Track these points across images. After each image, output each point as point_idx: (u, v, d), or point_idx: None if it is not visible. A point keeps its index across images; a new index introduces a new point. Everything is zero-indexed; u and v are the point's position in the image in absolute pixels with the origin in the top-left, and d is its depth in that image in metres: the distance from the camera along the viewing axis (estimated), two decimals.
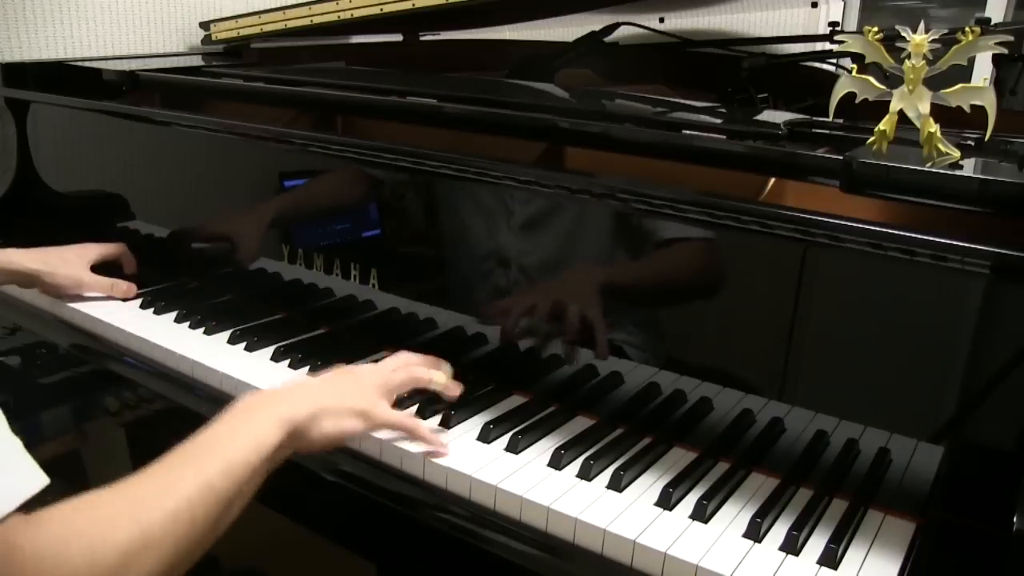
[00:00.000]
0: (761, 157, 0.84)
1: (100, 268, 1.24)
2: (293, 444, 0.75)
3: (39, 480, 0.59)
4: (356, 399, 0.81)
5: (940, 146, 0.73)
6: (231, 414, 0.74)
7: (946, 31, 0.71)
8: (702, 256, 0.85)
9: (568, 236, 0.93)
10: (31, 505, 0.59)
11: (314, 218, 1.16)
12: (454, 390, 0.90)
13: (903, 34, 0.72)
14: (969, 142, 0.82)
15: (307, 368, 1.00)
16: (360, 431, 0.81)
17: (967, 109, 0.73)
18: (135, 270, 1.27)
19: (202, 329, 1.11)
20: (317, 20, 1.42)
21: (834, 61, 1.58)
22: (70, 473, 1.58)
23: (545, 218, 0.94)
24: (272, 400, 0.76)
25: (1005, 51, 0.73)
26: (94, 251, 1.24)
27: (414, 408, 0.91)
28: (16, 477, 0.58)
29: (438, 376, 0.89)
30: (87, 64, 1.46)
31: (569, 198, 0.90)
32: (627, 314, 0.92)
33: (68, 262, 1.19)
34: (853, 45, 0.77)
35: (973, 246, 0.67)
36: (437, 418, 0.89)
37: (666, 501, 0.76)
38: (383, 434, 0.86)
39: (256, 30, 1.54)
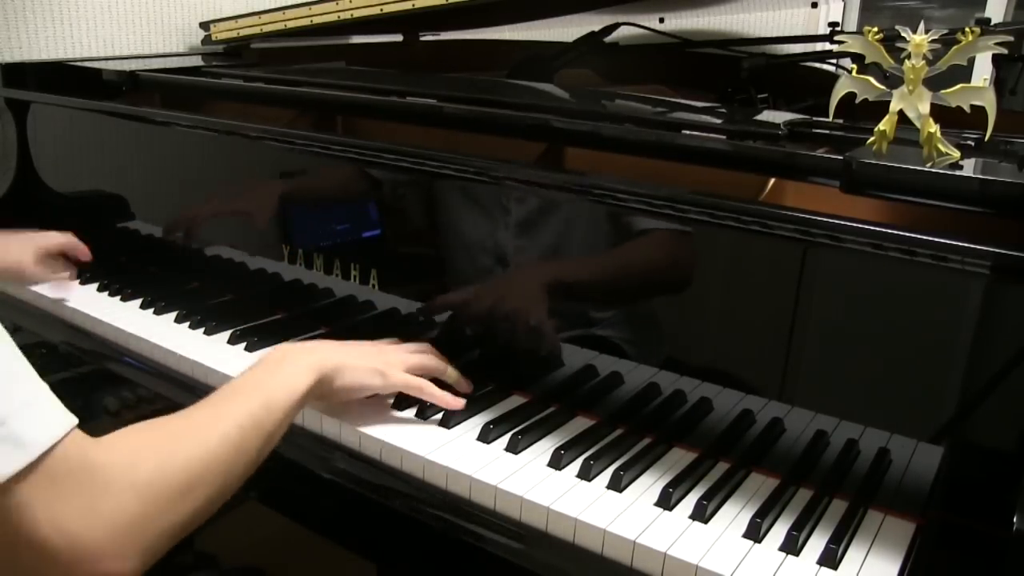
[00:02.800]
0: (761, 157, 0.84)
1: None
2: (319, 390, 0.83)
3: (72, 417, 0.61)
4: (376, 361, 0.88)
5: (940, 146, 0.73)
6: (266, 361, 0.81)
7: (946, 31, 0.71)
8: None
9: (563, 235, 0.93)
10: (93, 433, 0.62)
11: (311, 212, 1.16)
12: (465, 386, 0.94)
13: (903, 34, 0.72)
14: (969, 142, 0.82)
15: None
16: (377, 388, 0.88)
17: (967, 109, 0.73)
18: (89, 258, 1.25)
19: (202, 329, 1.11)
20: (317, 20, 1.42)
21: (834, 61, 1.58)
22: None
23: (542, 217, 0.94)
24: (303, 350, 0.85)
25: (1005, 51, 0.73)
26: (42, 241, 1.21)
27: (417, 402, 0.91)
28: (60, 408, 0.61)
29: (452, 370, 0.94)
30: (87, 64, 1.46)
31: (564, 197, 0.90)
32: (620, 309, 0.92)
33: (11, 251, 1.18)
34: (853, 45, 0.77)
35: (973, 246, 0.67)
36: (437, 418, 0.89)
37: (666, 501, 0.76)
38: (382, 434, 0.86)
39: (256, 30, 1.54)
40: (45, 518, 0.57)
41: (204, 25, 1.65)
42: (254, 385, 0.76)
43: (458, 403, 0.90)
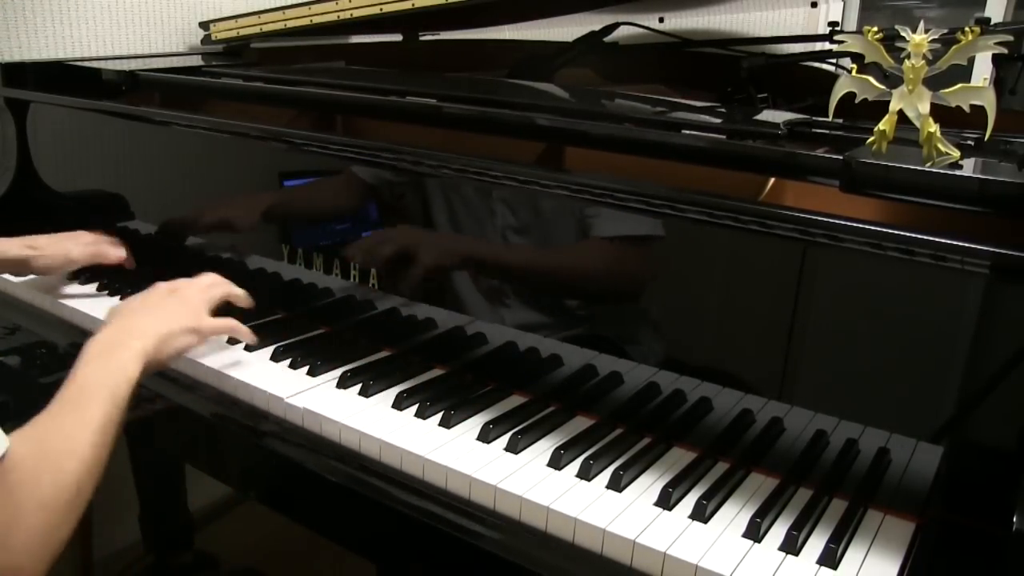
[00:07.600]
0: (761, 157, 0.84)
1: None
2: (148, 370, 0.88)
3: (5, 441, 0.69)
4: (187, 318, 0.95)
5: (940, 146, 0.73)
6: (95, 355, 0.84)
7: (946, 31, 0.72)
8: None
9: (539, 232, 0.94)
10: None
11: (310, 220, 1.16)
12: (246, 302, 1.05)
13: (903, 34, 0.72)
14: (969, 142, 0.82)
15: (306, 368, 1.00)
16: (194, 344, 0.95)
17: (967, 109, 0.73)
18: (132, 264, 1.28)
19: None
20: (317, 20, 1.42)
21: (834, 61, 1.58)
22: None
23: (533, 222, 0.94)
24: (125, 337, 0.88)
25: (1005, 51, 0.73)
26: (88, 236, 1.27)
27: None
28: None
29: (243, 292, 1.04)
30: (87, 64, 1.46)
31: (559, 202, 0.90)
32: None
33: (57, 242, 1.23)
34: (853, 45, 0.77)
35: (973, 246, 0.67)
36: (437, 417, 0.89)
37: (666, 501, 0.76)
38: (382, 433, 0.86)
39: (256, 30, 1.54)
40: None
41: (204, 25, 1.65)
42: (97, 383, 0.81)
43: (253, 337, 1.01)
